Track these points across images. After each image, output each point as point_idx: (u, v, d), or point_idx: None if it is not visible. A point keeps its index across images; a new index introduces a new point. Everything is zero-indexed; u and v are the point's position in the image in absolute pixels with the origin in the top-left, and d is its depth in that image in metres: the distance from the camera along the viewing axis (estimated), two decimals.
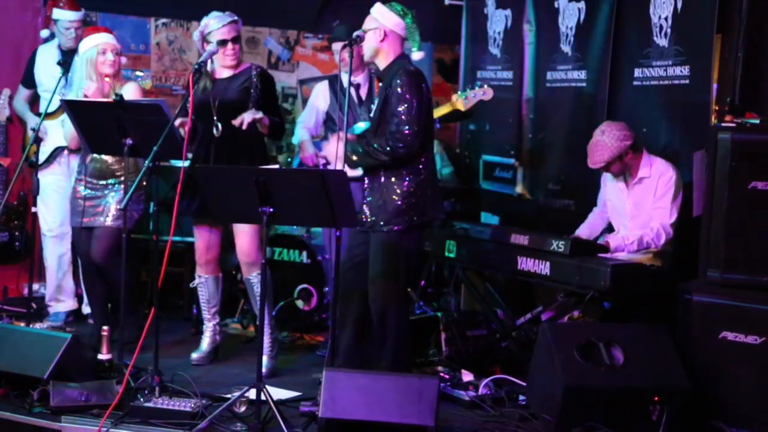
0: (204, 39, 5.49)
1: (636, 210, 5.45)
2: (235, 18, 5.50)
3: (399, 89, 4.86)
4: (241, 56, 5.61)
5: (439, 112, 6.20)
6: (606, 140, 5.35)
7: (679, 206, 5.32)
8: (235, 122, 5.36)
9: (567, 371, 4.54)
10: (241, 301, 6.54)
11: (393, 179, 4.95)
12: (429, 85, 5.13)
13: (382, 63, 5.05)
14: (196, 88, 5.49)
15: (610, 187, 5.63)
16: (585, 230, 5.72)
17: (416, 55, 5.19)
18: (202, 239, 5.66)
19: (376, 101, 5.07)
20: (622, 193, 5.53)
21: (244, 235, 5.48)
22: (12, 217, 6.58)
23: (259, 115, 5.39)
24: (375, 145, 4.90)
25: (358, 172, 5.07)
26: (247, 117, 5.36)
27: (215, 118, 5.44)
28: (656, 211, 5.34)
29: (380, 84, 5.11)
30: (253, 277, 5.49)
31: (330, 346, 4.75)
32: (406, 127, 4.84)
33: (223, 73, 5.57)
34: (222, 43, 5.41)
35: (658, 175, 5.36)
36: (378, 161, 4.92)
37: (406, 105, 4.85)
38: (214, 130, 5.41)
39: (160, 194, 5.36)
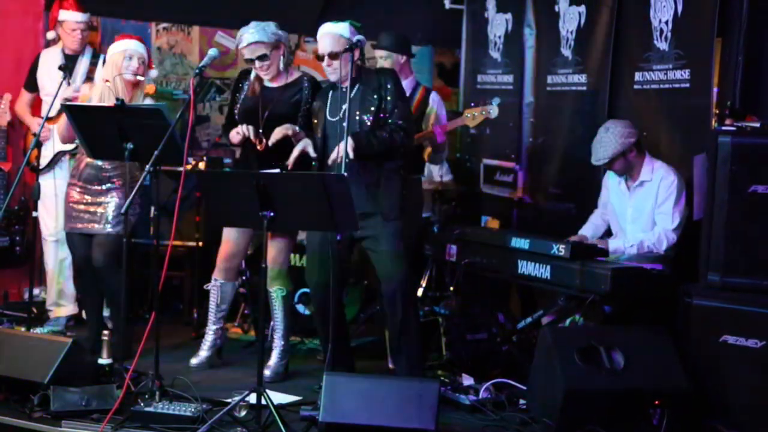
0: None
1: (637, 213, 5.45)
2: (265, 38, 5.34)
3: (393, 89, 5.15)
4: (284, 65, 5.46)
5: (449, 127, 6.25)
6: (610, 137, 5.35)
7: (682, 210, 5.32)
8: (270, 142, 5.23)
9: (567, 375, 4.53)
10: (242, 306, 6.53)
11: (392, 176, 5.10)
12: None
13: (349, 75, 5.06)
14: (244, 93, 5.47)
15: (611, 189, 5.63)
16: (589, 230, 5.72)
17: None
18: (230, 245, 5.59)
19: (351, 105, 4.99)
20: (624, 197, 5.52)
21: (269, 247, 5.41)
22: (13, 222, 6.56)
23: (290, 131, 5.23)
24: (383, 134, 5.06)
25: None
26: (276, 134, 5.22)
27: (260, 131, 5.35)
28: (658, 216, 5.34)
29: (346, 87, 4.99)
30: (272, 291, 5.49)
31: (330, 350, 4.75)
32: (406, 121, 5.17)
33: (273, 82, 5.48)
34: (249, 62, 5.38)
35: (659, 179, 5.36)
36: (388, 145, 5.11)
37: (404, 102, 5.24)
38: (258, 145, 5.32)
39: (162, 198, 5.36)
